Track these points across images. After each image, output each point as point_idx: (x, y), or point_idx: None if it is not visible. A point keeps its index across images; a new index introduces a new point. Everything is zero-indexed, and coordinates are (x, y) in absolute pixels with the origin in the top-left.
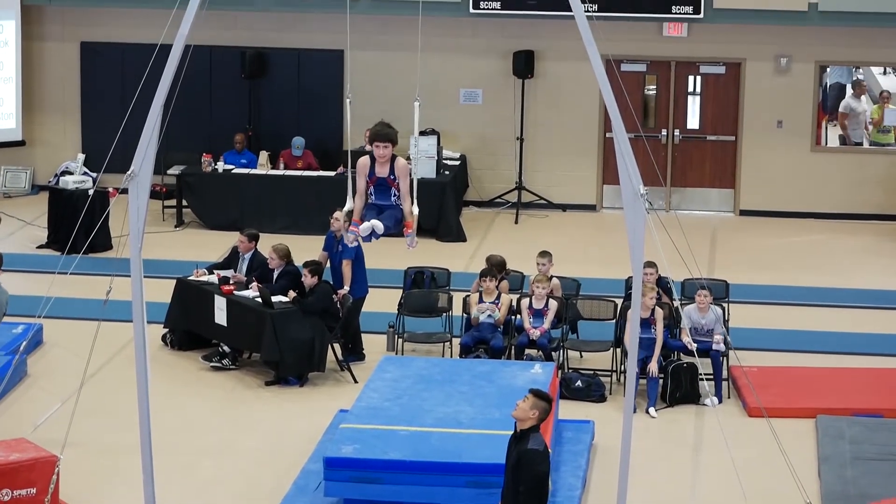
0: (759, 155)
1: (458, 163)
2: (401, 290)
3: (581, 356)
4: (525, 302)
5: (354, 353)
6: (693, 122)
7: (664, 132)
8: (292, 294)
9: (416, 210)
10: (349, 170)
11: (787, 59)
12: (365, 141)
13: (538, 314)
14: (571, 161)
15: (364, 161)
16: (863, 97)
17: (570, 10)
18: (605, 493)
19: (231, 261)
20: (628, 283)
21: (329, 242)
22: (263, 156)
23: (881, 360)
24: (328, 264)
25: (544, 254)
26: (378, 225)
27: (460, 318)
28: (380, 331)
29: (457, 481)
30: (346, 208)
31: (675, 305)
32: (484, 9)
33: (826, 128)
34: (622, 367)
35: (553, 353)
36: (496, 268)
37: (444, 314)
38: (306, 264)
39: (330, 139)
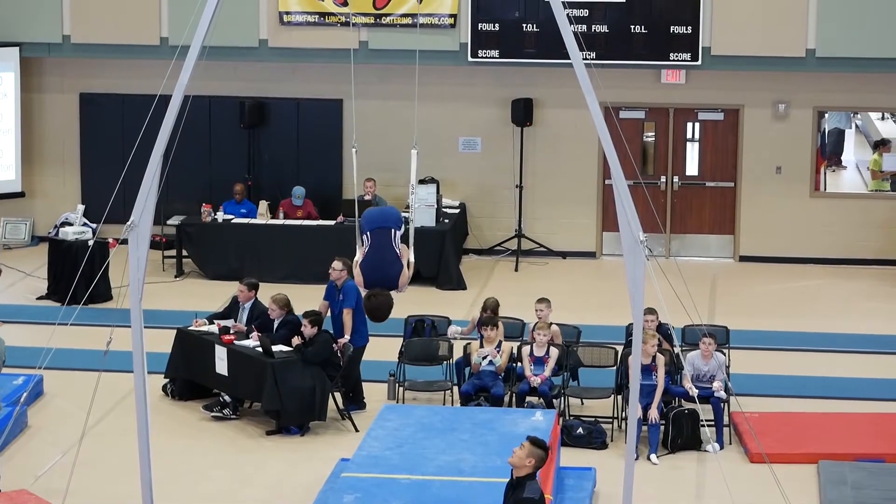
0: (758, 201)
1: (457, 211)
2: (401, 339)
3: (582, 403)
4: (526, 349)
5: (355, 401)
6: (692, 168)
7: (663, 179)
8: (296, 341)
9: (412, 258)
10: (356, 219)
11: (786, 104)
12: (366, 190)
13: (539, 361)
14: (571, 208)
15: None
16: None
17: (569, 58)
18: None
19: (231, 310)
20: (629, 330)
21: (330, 292)
22: (263, 205)
23: (883, 405)
24: (329, 313)
25: (542, 300)
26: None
27: (461, 365)
28: (380, 379)
29: None
30: (355, 259)
31: (675, 352)
32: (482, 57)
33: (825, 173)
34: (623, 413)
35: (554, 401)
36: (491, 310)
37: (445, 362)
38: (306, 314)
39: (329, 188)
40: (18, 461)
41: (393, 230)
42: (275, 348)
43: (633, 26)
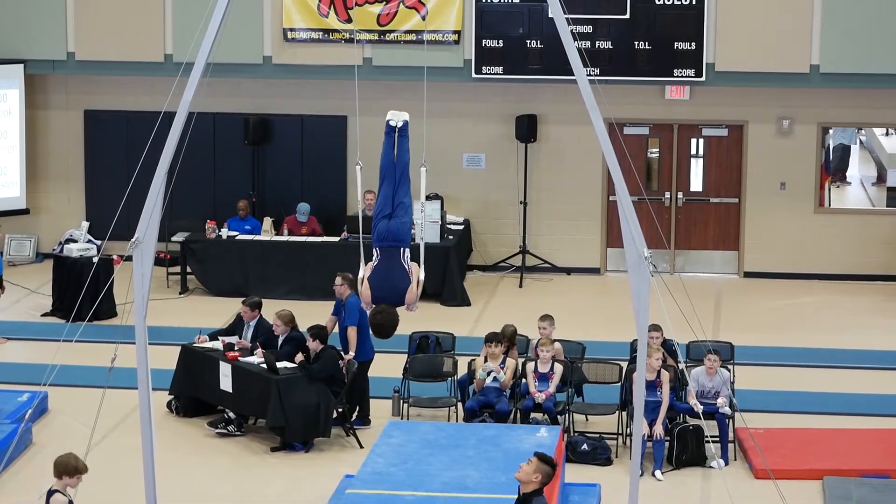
0: (762, 217)
1: (461, 227)
2: (405, 355)
3: (587, 419)
4: (530, 366)
5: (362, 416)
6: (696, 184)
7: (667, 195)
8: (300, 357)
9: (422, 276)
10: (360, 235)
11: (790, 121)
12: (366, 203)
13: (543, 378)
14: (575, 224)
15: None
16: None
17: (573, 75)
18: None
19: (236, 327)
20: (633, 346)
21: (338, 307)
22: (267, 222)
23: (888, 421)
24: (336, 328)
25: (545, 317)
26: None
27: (465, 381)
28: (385, 396)
29: None
30: (361, 274)
31: (680, 368)
32: (486, 73)
33: (829, 189)
34: (628, 430)
35: (559, 417)
36: (507, 338)
37: (450, 378)
38: (309, 329)
39: (333, 204)
40: (23, 478)
41: (402, 248)
42: (279, 365)
43: (636, 43)
